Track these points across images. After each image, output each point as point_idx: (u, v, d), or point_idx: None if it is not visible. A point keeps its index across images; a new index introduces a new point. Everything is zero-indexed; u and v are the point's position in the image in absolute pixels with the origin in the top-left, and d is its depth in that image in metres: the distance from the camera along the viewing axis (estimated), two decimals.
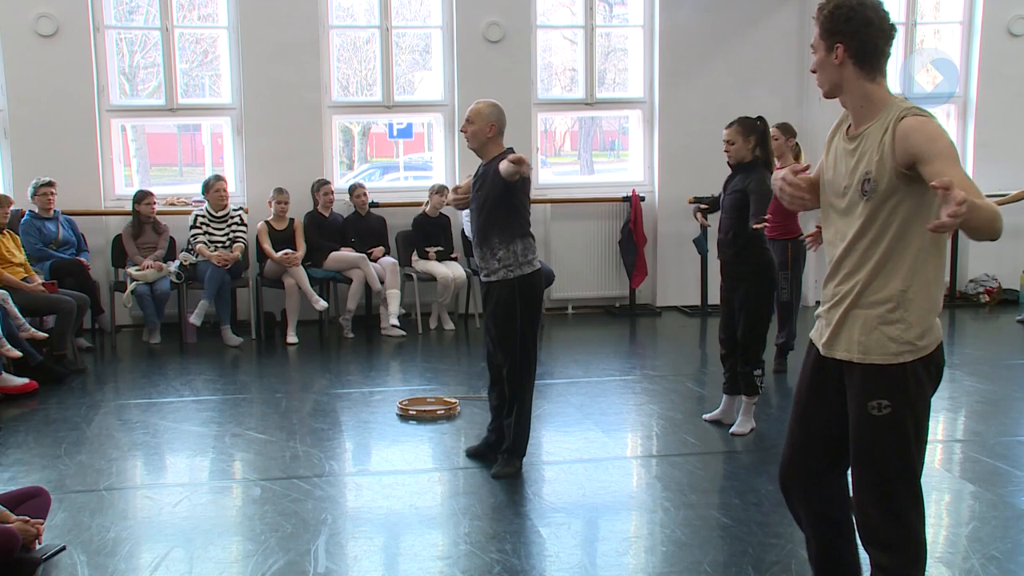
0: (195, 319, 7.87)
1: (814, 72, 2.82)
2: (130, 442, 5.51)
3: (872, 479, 2.78)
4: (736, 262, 5.36)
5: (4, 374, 6.34)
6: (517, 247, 4.69)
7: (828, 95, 2.81)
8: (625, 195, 9.33)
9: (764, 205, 5.18)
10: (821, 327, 2.89)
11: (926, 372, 2.74)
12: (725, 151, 5.38)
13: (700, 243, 8.98)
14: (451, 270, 8.54)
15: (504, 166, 4.51)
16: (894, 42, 2.75)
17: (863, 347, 2.75)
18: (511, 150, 4.75)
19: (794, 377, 6.68)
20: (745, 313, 5.37)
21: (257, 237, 8.31)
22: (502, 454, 4.88)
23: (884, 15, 2.71)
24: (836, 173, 2.81)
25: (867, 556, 2.87)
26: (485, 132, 4.71)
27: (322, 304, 8.08)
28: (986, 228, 2.44)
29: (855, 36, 2.69)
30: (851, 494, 2.87)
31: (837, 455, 2.89)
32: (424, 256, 8.65)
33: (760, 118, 5.41)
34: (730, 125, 5.35)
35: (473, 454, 5.10)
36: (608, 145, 19.49)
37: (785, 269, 6.64)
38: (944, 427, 5.73)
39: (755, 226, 5.16)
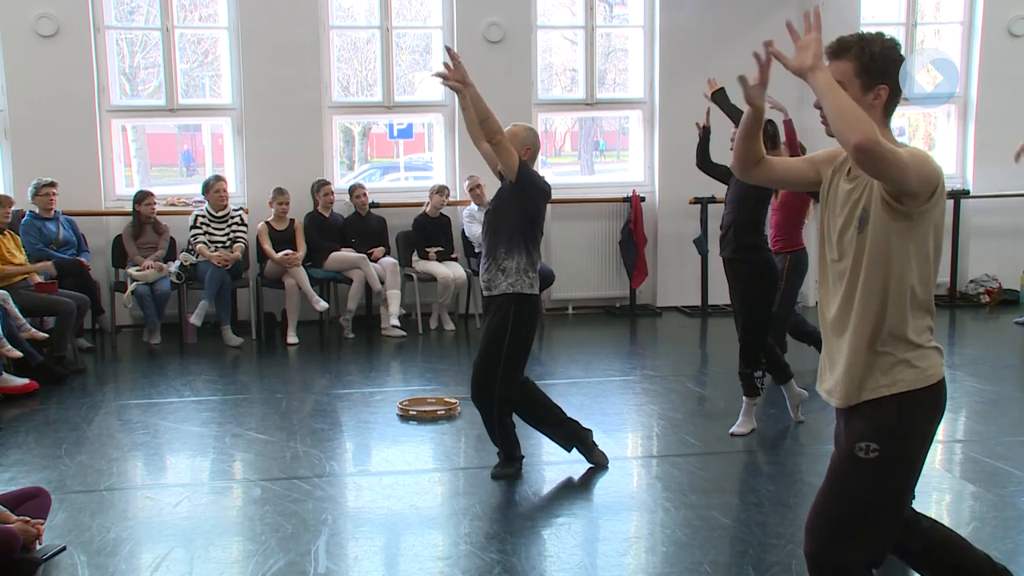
0: (195, 319, 7.87)
1: (820, 108, 2.59)
2: (130, 442, 5.51)
3: (837, 518, 2.63)
4: (735, 261, 5.36)
5: (4, 374, 6.34)
6: (522, 257, 4.64)
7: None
8: (625, 195, 9.33)
9: (765, 196, 5.24)
10: (821, 367, 2.81)
11: (918, 410, 2.63)
12: (731, 148, 5.38)
13: (700, 243, 8.98)
14: (451, 270, 8.54)
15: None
16: None
17: (850, 388, 2.65)
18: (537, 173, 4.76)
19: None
20: (743, 314, 5.37)
21: (257, 237, 8.31)
22: (499, 455, 4.88)
23: None
24: (836, 212, 2.70)
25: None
26: (520, 155, 4.68)
27: (322, 304, 8.08)
28: (835, 114, 2.39)
29: (896, 80, 2.60)
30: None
31: None
32: (424, 256, 8.65)
33: (770, 121, 5.41)
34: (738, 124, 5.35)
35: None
36: (593, 145, 19.41)
37: (780, 279, 6.57)
38: (944, 427, 5.72)
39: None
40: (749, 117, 2.91)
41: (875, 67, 2.59)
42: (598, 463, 4.96)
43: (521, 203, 4.64)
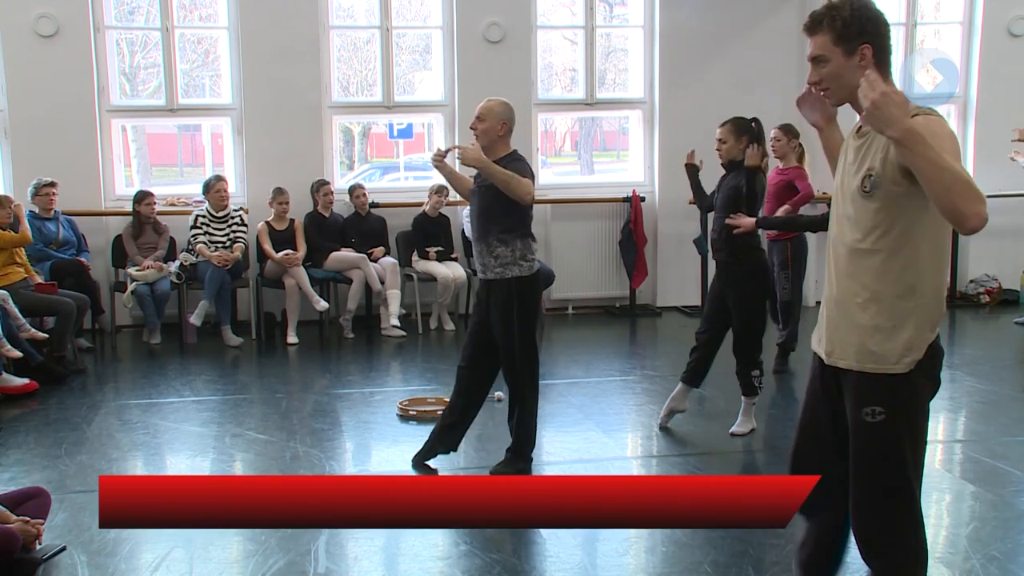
0: (195, 319, 7.87)
1: (815, 83, 2.69)
2: (130, 442, 5.51)
3: (867, 488, 2.73)
4: (730, 262, 5.37)
5: (4, 374, 6.34)
6: (516, 245, 4.67)
7: (842, 103, 2.71)
8: (625, 195, 9.33)
9: (755, 207, 5.22)
10: (822, 333, 2.83)
11: (922, 376, 2.68)
12: (717, 149, 5.41)
13: (700, 243, 8.97)
14: (451, 270, 8.54)
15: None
16: None
17: (858, 354, 2.69)
18: (516, 152, 4.74)
19: (794, 378, 6.68)
20: (737, 315, 5.38)
21: (257, 237, 8.31)
22: (507, 452, 4.87)
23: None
24: (843, 172, 2.74)
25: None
26: (496, 131, 4.68)
27: (323, 304, 8.08)
28: (936, 179, 2.31)
29: (878, 36, 2.62)
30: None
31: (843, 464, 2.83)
32: (424, 256, 8.65)
33: (754, 119, 5.42)
34: (723, 124, 5.38)
35: (417, 462, 4.92)
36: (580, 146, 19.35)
37: (786, 268, 6.66)
38: (944, 427, 5.73)
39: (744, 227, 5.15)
40: (821, 138, 3.08)
41: (850, 31, 2.61)
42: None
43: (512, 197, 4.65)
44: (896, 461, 2.68)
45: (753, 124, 5.36)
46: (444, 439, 4.88)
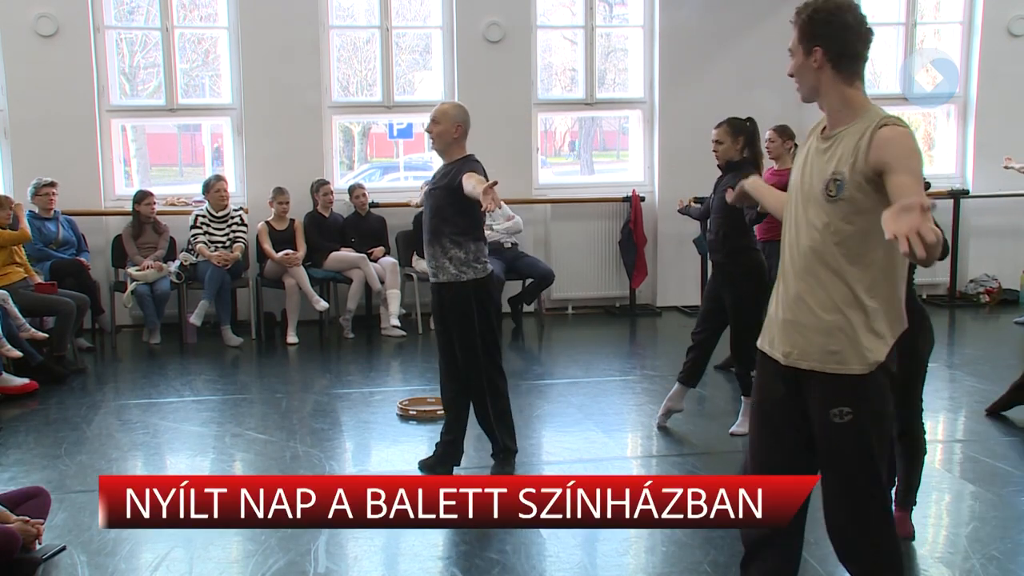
0: (195, 319, 7.87)
1: (791, 76, 2.78)
2: (130, 442, 5.51)
3: (839, 489, 2.74)
4: (727, 263, 5.37)
5: (4, 374, 6.34)
6: (470, 248, 4.65)
7: (806, 99, 2.78)
8: (625, 195, 9.33)
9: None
10: (775, 334, 2.82)
11: (883, 374, 2.69)
12: (713, 151, 5.42)
13: (700, 243, 8.97)
14: None
15: (471, 188, 4.39)
16: (871, 46, 2.71)
17: (821, 355, 2.69)
18: (472, 156, 4.72)
19: None
20: (734, 315, 5.38)
21: (257, 237, 8.31)
22: (497, 455, 4.87)
23: (862, 19, 2.69)
24: (804, 173, 2.75)
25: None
26: (451, 133, 4.67)
27: (322, 304, 8.07)
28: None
29: (834, 40, 2.66)
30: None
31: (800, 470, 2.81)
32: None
33: (749, 119, 5.42)
34: (719, 125, 5.38)
35: (426, 467, 4.89)
36: (561, 149, 19.31)
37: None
38: (944, 427, 5.73)
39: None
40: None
41: (806, 31, 2.70)
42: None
43: (467, 200, 4.59)
44: (866, 459, 2.71)
45: (748, 124, 5.37)
46: (447, 456, 4.84)
